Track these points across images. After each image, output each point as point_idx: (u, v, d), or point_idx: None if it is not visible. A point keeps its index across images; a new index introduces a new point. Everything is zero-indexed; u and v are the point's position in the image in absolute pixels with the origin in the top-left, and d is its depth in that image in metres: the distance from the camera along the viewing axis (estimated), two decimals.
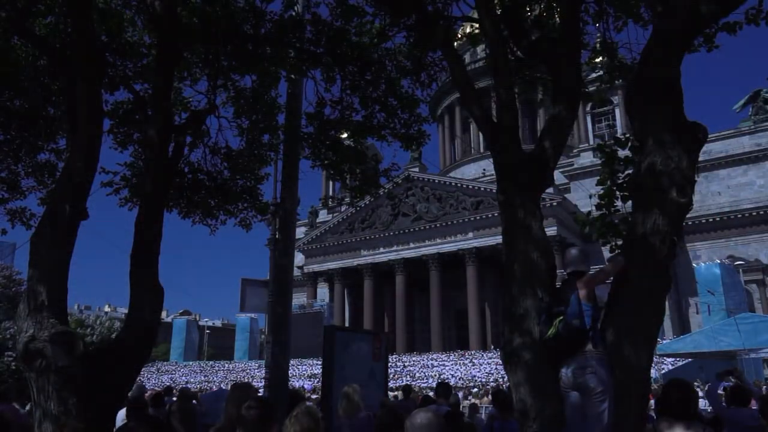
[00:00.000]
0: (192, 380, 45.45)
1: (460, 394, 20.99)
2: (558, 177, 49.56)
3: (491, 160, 4.91)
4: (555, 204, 46.20)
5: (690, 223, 43.76)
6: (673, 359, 24.50)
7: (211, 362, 59.61)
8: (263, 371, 9.62)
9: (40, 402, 4.66)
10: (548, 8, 6.50)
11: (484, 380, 32.85)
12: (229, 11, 7.08)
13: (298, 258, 54.38)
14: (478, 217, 50.27)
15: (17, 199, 9.49)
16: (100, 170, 8.14)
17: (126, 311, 5.74)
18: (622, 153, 5.20)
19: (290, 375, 10.35)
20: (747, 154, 46.65)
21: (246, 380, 30.40)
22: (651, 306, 3.98)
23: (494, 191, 6.21)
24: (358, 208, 53.32)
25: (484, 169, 57.02)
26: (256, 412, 3.09)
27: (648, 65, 4.32)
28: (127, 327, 5.43)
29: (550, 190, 42.78)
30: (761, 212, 44.84)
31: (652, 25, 4.83)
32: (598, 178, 5.23)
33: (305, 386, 30.88)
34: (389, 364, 10.62)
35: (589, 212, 6.06)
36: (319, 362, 12.77)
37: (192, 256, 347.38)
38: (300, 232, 55.63)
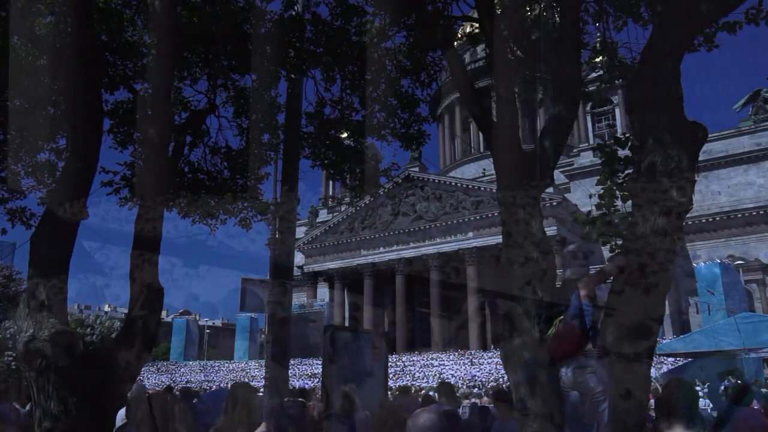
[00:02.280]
0: (192, 380, 45.44)
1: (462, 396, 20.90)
2: (558, 177, 49.53)
3: (491, 159, 4.91)
4: (555, 204, 46.17)
5: (690, 222, 43.71)
6: (673, 359, 24.45)
7: (211, 362, 59.57)
8: (263, 371, 9.62)
9: (40, 401, 4.66)
10: (548, 8, 6.50)
11: (484, 380, 32.83)
12: (229, 11, 7.08)
13: (298, 258, 54.38)
14: (478, 217, 50.25)
15: (17, 199, 9.49)
16: (100, 170, 8.14)
17: (126, 311, 5.74)
18: (622, 153, 5.20)
19: (290, 375, 10.34)
20: (747, 153, 46.60)
21: (245, 380, 30.40)
22: (651, 306, 3.98)
23: (494, 191, 6.21)
24: (358, 208, 53.33)
25: (484, 169, 56.97)
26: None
27: (648, 65, 4.32)
28: (127, 327, 5.44)
29: (550, 190, 42.74)
30: (761, 212, 44.81)
31: (652, 24, 4.83)
32: (598, 178, 5.23)
33: (304, 386, 30.86)
34: (389, 364, 10.61)
35: (589, 212, 6.05)
36: (319, 362, 12.75)
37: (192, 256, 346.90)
38: (300, 232, 55.61)
